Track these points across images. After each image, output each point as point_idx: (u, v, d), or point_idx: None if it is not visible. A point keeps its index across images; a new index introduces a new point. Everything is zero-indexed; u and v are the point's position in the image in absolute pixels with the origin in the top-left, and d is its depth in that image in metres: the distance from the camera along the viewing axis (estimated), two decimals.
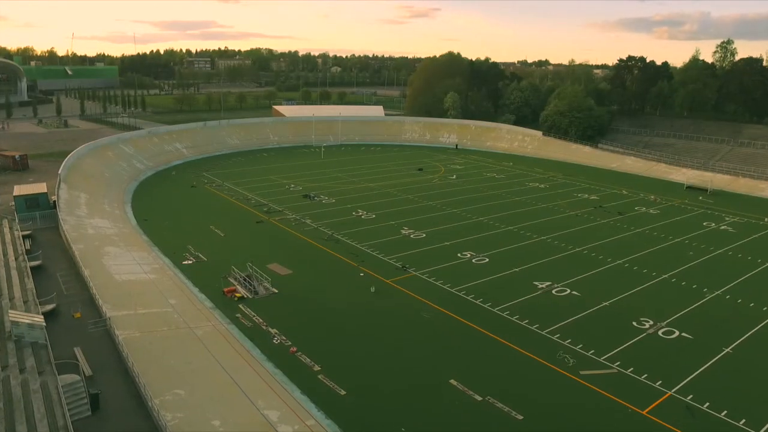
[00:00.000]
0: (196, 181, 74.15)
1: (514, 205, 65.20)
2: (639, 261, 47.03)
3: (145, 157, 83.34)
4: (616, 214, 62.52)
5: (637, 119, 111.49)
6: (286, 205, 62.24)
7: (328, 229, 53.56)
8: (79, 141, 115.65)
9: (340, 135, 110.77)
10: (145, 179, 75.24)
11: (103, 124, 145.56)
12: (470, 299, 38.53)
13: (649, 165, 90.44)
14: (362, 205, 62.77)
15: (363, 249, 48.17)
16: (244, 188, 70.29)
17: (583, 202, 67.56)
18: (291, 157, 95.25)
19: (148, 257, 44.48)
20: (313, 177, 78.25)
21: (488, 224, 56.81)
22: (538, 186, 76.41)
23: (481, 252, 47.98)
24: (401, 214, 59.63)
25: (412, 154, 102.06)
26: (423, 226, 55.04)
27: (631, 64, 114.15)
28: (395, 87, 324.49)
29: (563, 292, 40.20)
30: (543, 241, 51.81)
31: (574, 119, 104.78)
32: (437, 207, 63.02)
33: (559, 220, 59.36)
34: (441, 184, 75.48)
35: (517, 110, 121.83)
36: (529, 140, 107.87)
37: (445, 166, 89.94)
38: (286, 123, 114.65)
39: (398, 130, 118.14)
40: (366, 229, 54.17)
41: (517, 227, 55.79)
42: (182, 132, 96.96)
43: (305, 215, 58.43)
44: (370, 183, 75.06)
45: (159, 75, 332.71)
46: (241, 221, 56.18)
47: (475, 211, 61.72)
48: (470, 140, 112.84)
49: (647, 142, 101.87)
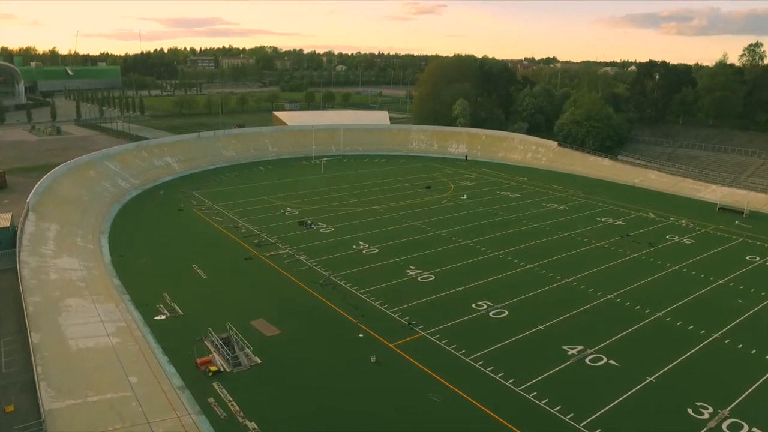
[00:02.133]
0: (185, 203, 68.24)
1: (532, 234, 58.88)
2: (682, 314, 40.62)
3: (132, 174, 77.50)
4: (647, 245, 56.10)
5: (659, 128, 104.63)
6: (280, 235, 56.21)
7: (324, 269, 47.48)
8: (69, 151, 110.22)
9: (342, 145, 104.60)
10: (129, 200, 69.38)
11: (98, 131, 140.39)
12: (488, 372, 32.33)
13: (674, 181, 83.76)
14: (364, 236, 56.64)
15: (363, 297, 42.06)
16: (235, 212, 64.32)
17: (608, 230, 61.11)
18: (289, 171, 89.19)
19: (115, 311, 38.54)
20: (312, 197, 72.17)
21: (505, 261, 50.53)
22: (556, 208, 69.99)
23: (499, 301, 41.74)
24: (407, 247, 53.45)
25: (419, 167, 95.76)
26: (432, 264, 48.83)
27: (652, 69, 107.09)
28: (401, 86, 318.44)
29: (599, 360, 33.95)
30: (568, 285, 45.50)
31: (592, 129, 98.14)
32: (447, 238, 56.79)
33: (583, 254, 53.00)
34: (450, 207, 69.19)
35: (529, 117, 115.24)
36: (544, 151, 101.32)
37: (454, 183, 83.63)
38: (286, 132, 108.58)
39: (404, 139, 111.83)
40: (368, 268, 48.04)
41: (538, 265, 49.50)
42: (174, 145, 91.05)
43: (300, 249, 52.39)
44: (373, 205, 68.91)
45: (162, 74, 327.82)
46: (228, 257, 50.19)
47: (489, 242, 55.46)
48: (480, 151, 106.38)
49: (670, 154, 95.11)
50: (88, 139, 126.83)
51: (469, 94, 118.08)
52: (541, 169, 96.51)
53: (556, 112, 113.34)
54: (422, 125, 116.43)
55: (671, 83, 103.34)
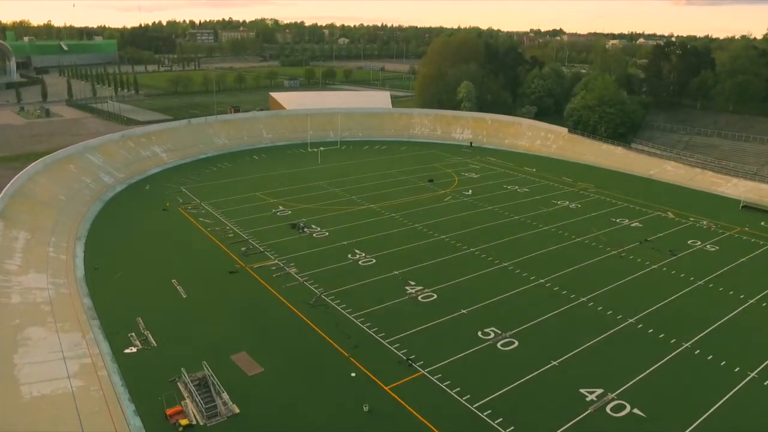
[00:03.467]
0: (171, 200, 63.97)
1: (542, 239, 54.52)
2: (714, 346, 36.44)
3: (117, 167, 73.07)
4: (667, 253, 51.74)
5: (675, 113, 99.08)
6: (269, 242, 52.02)
7: (316, 285, 43.38)
8: (56, 138, 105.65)
9: (340, 131, 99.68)
10: (112, 198, 65.12)
11: (89, 113, 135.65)
12: (497, 426, 28.41)
13: (692, 173, 78.85)
14: (361, 242, 52.42)
15: (357, 323, 38.03)
16: (223, 212, 60.06)
17: (624, 234, 56.68)
18: (284, 161, 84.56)
19: (81, 343, 34.64)
20: (306, 192, 67.77)
21: (513, 275, 46.29)
22: (568, 206, 65.45)
23: (507, 327, 37.66)
24: (407, 257, 49.21)
25: (421, 155, 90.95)
26: (434, 279, 44.65)
27: (668, 50, 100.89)
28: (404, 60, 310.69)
29: (621, 409, 29.95)
30: (584, 306, 41.32)
31: (605, 115, 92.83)
32: (450, 244, 52.48)
33: (599, 266, 48.69)
34: (454, 206, 64.71)
35: (538, 101, 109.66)
36: (553, 138, 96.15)
37: (458, 174, 78.96)
38: (282, 117, 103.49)
39: (406, 124, 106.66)
40: (363, 284, 43.90)
41: (550, 280, 45.27)
42: (162, 133, 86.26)
43: (290, 259, 48.24)
44: (371, 203, 64.49)
45: (160, 48, 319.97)
46: (212, 270, 46.10)
47: (495, 250, 51.18)
48: (486, 137, 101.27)
49: (687, 143, 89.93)
50: (78, 122, 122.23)
51: (474, 76, 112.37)
52: (550, 157, 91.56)
53: (566, 95, 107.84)
54: (425, 109, 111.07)
55: (689, 65, 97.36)
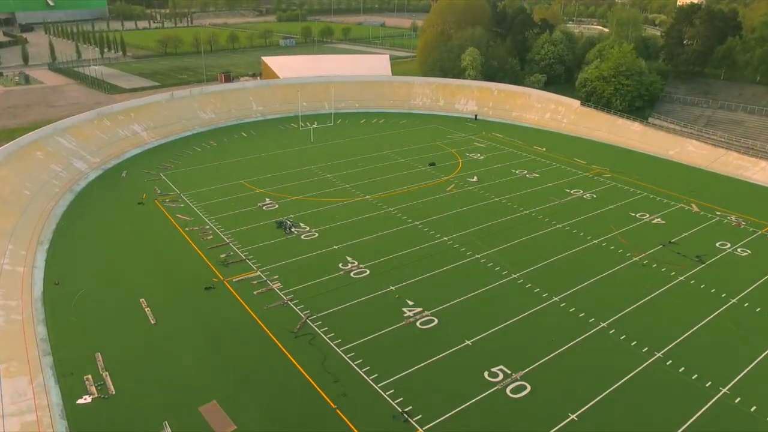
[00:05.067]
0: (148, 191, 58.61)
1: (555, 241, 49.27)
2: (755, 393, 31.78)
3: (91, 150, 67.29)
4: (694, 259, 46.58)
5: (696, 84, 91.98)
6: (252, 246, 46.92)
7: (301, 306, 38.52)
8: (34, 109, 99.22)
9: (336, 102, 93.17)
10: (84, 188, 59.68)
11: (73, 78, 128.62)
12: None
13: (716, 154, 72.74)
14: (353, 246, 47.27)
15: (346, 359, 33.29)
16: (204, 206, 54.74)
17: (646, 233, 51.35)
18: (274, 139, 78.51)
19: (27, 391, 30.02)
20: (296, 180, 62.22)
21: (523, 291, 41.30)
22: (582, 196, 59.91)
23: (519, 367, 32.89)
24: (405, 266, 44.11)
25: (422, 131, 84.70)
26: (435, 298, 39.70)
27: (692, 15, 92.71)
28: (406, 14, 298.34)
29: None
30: (604, 333, 36.44)
31: (621, 87, 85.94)
32: (453, 249, 47.29)
33: (620, 278, 43.56)
34: (458, 197, 59.19)
35: (548, 68, 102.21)
36: (564, 111, 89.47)
37: (462, 156, 73.04)
38: (273, 88, 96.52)
39: (406, 93, 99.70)
40: (354, 304, 39.00)
41: (565, 298, 40.29)
42: (142, 109, 79.79)
43: (275, 269, 43.26)
44: (366, 193, 59.01)
45: (151, 3, 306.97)
46: (186, 285, 41.16)
47: (503, 256, 46.03)
48: (492, 108, 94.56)
49: (710, 118, 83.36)
50: (59, 90, 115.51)
51: (480, 41, 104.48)
52: (561, 133, 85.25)
53: (578, 62, 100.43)
54: (427, 78, 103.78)
55: (715, 31, 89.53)
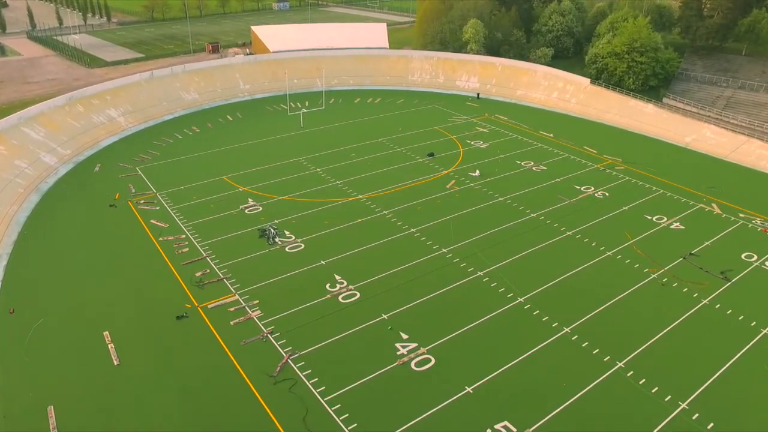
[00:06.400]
0: (121, 189, 53.88)
1: (567, 253, 44.75)
2: None
3: (62, 141, 62.13)
4: (719, 275, 42.27)
5: (715, 60, 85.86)
6: (232, 260, 42.52)
7: (282, 340, 34.35)
8: (7, 86, 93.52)
9: (328, 79, 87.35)
10: (53, 187, 54.85)
11: (52, 49, 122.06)
12: None
13: (736, 142, 67.52)
14: (343, 261, 42.83)
15: (332, 413, 29.25)
16: (180, 209, 50.06)
17: (664, 242, 46.82)
18: (261, 124, 73.10)
19: None
20: (283, 175, 57.37)
21: (531, 317, 37.06)
22: (593, 194, 55.16)
23: (526, 422, 28.94)
24: (400, 287, 39.78)
25: (420, 113, 79.16)
26: (431, 332, 35.45)
27: None
28: None
29: None
30: (620, 376, 32.36)
31: (634, 64, 79.97)
32: (453, 264, 42.85)
33: (638, 299, 39.22)
34: (458, 197, 54.39)
35: (555, 41, 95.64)
36: (573, 91, 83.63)
37: (463, 144, 67.87)
38: (261, 64, 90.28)
39: (404, 68, 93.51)
40: (342, 338, 34.78)
41: (577, 327, 36.05)
42: (119, 91, 74.01)
43: (255, 291, 38.98)
44: (359, 191, 54.23)
45: None
46: (158, 312, 36.90)
47: (510, 272, 41.65)
48: (496, 86, 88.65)
49: (729, 99, 77.72)
50: (36, 63, 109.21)
51: (483, 11, 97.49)
52: (569, 115, 79.74)
53: (588, 35, 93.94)
54: (426, 51, 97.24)
55: (738, 2, 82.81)
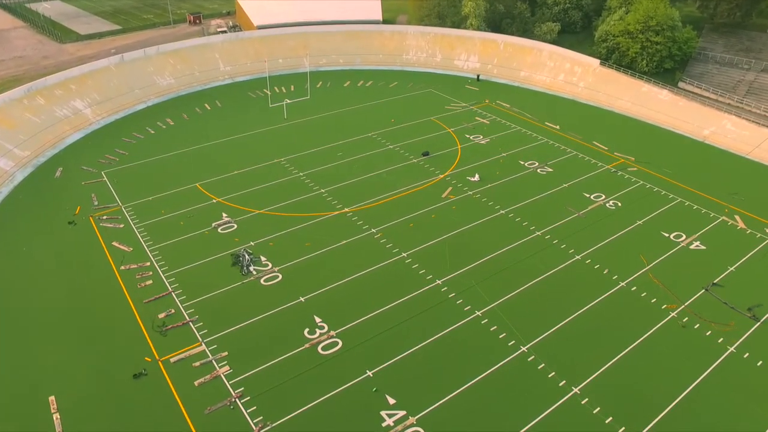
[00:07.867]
0: (83, 201, 48.74)
1: (574, 279, 40.10)
2: None
3: (19, 140, 56.49)
4: (746, 313, 37.75)
5: (736, 39, 79.05)
6: (201, 296, 37.86)
7: (253, 407, 30.02)
8: None
9: (315, 56, 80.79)
10: (6, 199, 49.53)
11: (23, 20, 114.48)
12: None
13: (760, 135, 61.80)
14: (324, 298, 38.12)
15: None
16: (145, 227, 45.05)
17: (682, 265, 42.08)
18: (241, 115, 67.04)
19: None
20: (261, 182, 52.04)
21: (537, 373, 32.57)
22: (604, 205, 50.05)
23: None
24: (387, 333, 35.25)
25: (415, 99, 73.09)
26: (422, 395, 31.07)
27: None
28: None
29: None
30: None
31: (649, 45, 73.38)
32: (449, 300, 38.18)
33: (655, 346, 34.74)
34: (455, 212, 49.26)
35: (562, 14, 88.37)
36: (581, 73, 77.23)
37: (461, 139, 62.25)
38: (243, 42, 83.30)
39: (398, 46, 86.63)
40: (320, 403, 30.37)
41: (588, 387, 31.65)
42: (86, 78, 67.63)
43: (224, 338, 34.46)
44: (345, 203, 49.06)
45: None
46: (112, 368, 32.39)
47: (511, 311, 37.06)
48: (497, 66, 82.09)
49: (752, 84, 71.47)
50: (4, 37, 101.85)
51: None
52: (577, 102, 73.68)
53: (598, 9, 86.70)
54: (422, 27, 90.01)
55: None
